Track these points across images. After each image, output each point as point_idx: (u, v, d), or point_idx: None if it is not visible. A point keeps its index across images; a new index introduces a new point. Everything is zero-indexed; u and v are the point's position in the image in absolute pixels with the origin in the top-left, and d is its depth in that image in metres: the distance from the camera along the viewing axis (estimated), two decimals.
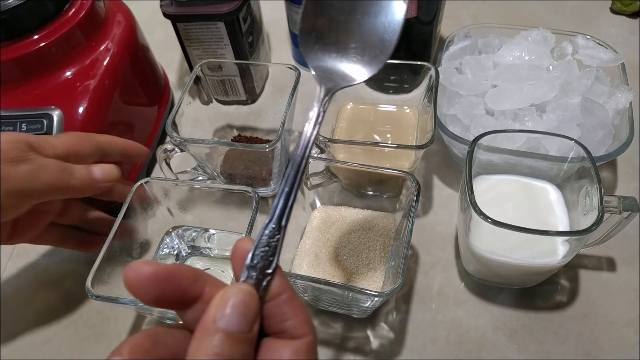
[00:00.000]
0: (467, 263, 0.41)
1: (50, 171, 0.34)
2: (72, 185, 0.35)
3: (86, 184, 0.36)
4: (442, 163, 0.50)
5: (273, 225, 0.25)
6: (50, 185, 0.34)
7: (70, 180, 0.35)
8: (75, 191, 0.35)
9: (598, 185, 0.34)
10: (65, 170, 0.35)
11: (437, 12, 0.49)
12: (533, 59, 0.45)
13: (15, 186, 0.32)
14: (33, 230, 0.38)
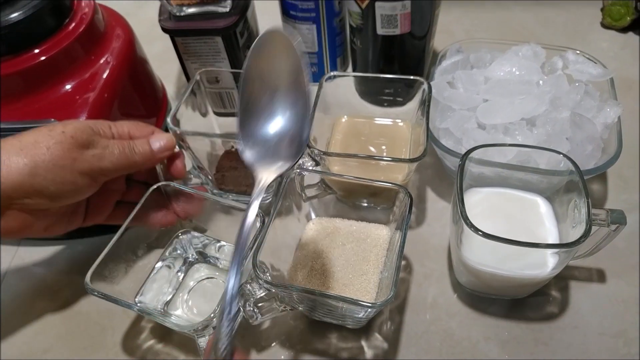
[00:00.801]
0: (460, 274, 0.42)
1: (115, 150, 0.37)
2: (135, 161, 0.39)
3: (147, 157, 0.39)
4: (436, 175, 0.51)
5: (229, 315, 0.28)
6: (117, 163, 0.37)
7: (133, 156, 0.38)
8: (138, 165, 0.39)
9: (586, 198, 0.35)
10: (128, 147, 0.38)
11: (430, 27, 0.50)
12: (523, 74, 0.46)
13: (87, 167, 0.36)
14: (105, 209, 0.42)
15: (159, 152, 0.40)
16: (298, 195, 0.43)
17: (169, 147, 0.41)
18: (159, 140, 0.40)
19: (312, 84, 0.60)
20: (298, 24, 0.54)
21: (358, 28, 0.50)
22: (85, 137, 0.36)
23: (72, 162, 0.35)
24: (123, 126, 0.40)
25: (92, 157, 0.36)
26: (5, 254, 0.49)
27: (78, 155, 0.35)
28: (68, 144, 0.35)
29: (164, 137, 0.40)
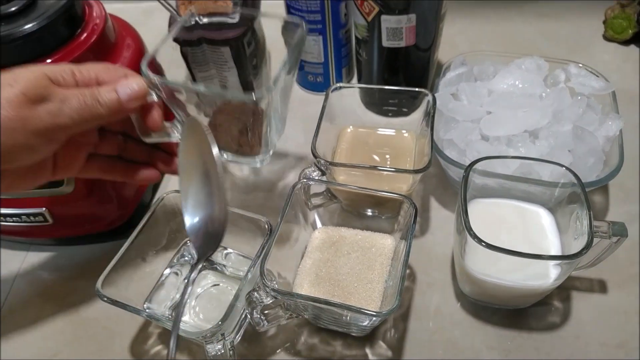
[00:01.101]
0: (463, 284, 0.42)
1: (75, 104, 0.32)
2: (99, 113, 0.33)
3: (114, 108, 0.33)
4: (440, 185, 0.52)
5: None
6: (76, 118, 0.32)
7: (96, 108, 0.33)
8: (104, 118, 0.34)
9: (588, 211, 0.36)
10: (91, 98, 0.33)
11: (434, 40, 0.51)
12: (526, 87, 0.47)
13: (41, 126, 0.31)
14: (75, 163, 0.37)
15: (128, 101, 0.34)
16: (304, 203, 0.44)
17: (139, 96, 0.34)
18: (128, 86, 0.34)
19: (318, 93, 0.61)
20: None
21: (364, 40, 0.51)
22: (38, 91, 0.31)
23: (24, 123, 0.30)
24: (90, 71, 0.34)
25: (46, 114, 0.31)
26: (15, 259, 0.50)
27: (29, 113, 0.30)
28: (18, 101, 0.30)
29: (134, 82, 0.34)
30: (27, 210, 0.46)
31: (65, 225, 0.47)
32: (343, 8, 0.54)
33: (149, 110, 0.36)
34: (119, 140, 0.39)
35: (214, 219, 0.35)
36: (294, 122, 0.59)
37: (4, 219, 0.47)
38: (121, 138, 0.39)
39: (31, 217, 0.46)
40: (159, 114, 0.37)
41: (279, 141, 0.57)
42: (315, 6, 0.52)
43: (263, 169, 0.55)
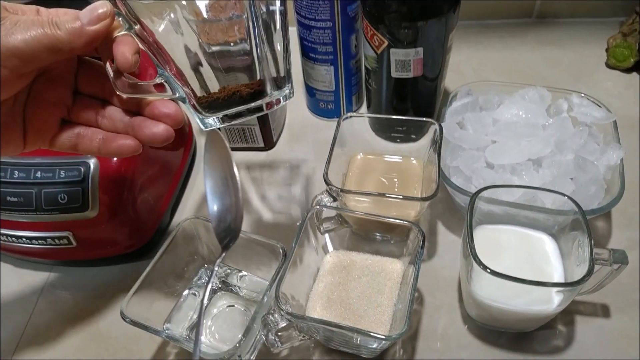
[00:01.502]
0: (470, 307, 0.44)
1: (28, 26, 0.28)
2: (57, 37, 0.29)
3: (75, 32, 0.29)
4: (447, 210, 0.53)
5: None
6: (31, 42, 0.28)
7: (55, 32, 0.29)
8: (64, 44, 0.29)
9: (589, 239, 0.37)
10: (49, 22, 0.29)
11: (441, 70, 0.53)
12: (529, 117, 0.49)
13: None
14: (46, 128, 0.34)
15: (91, 22, 0.30)
16: (316, 228, 0.46)
17: (102, 16, 0.30)
18: (90, 9, 0.30)
19: (329, 119, 0.63)
20: (317, 65, 0.58)
21: (373, 70, 0.54)
22: None
23: None
24: (58, 11, 0.31)
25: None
26: (38, 279, 0.52)
27: None
28: None
29: (97, 5, 0.30)
30: (52, 234, 0.48)
31: (88, 247, 0.49)
32: (354, 40, 0.56)
33: (118, 45, 0.31)
34: (95, 107, 0.35)
35: (236, 217, 0.36)
36: (305, 146, 0.62)
37: (30, 242, 0.49)
38: (99, 105, 0.35)
39: (56, 240, 0.48)
40: (131, 49, 0.31)
41: (292, 166, 0.60)
42: (328, 38, 0.54)
43: (275, 191, 0.57)
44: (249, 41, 0.35)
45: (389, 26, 0.48)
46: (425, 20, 0.47)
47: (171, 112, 0.34)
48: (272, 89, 0.36)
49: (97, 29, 0.30)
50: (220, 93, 0.35)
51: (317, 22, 0.53)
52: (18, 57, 0.29)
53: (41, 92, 0.33)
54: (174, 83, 0.34)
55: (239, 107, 0.35)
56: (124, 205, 0.48)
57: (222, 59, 0.36)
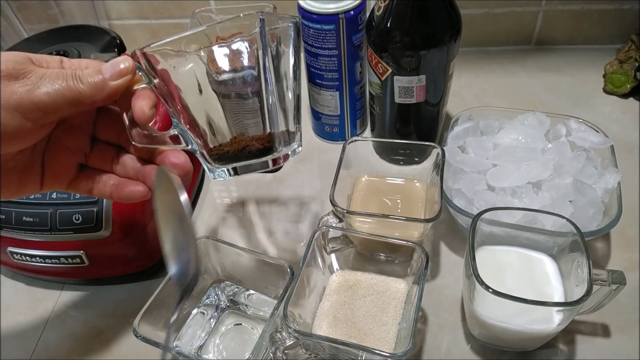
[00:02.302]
0: (472, 327, 0.45)
1: (53, 79, 0.30)
2: (80, 91, 0.30)
3: (97, 87, 0.31)
4: (449, 231, 0.55)
5: None
6: (55, 96, 0.29)
7: (77, 86, 0.30)
8: (86, 98, 0.31)
9: (587, 260, 0.39)
10: (72, 75, 0.30)
11: (443, 96, 0.55)
12: (529, 142, 0.51)
13: (15, 101, 0.29)
14: (64, 171, 0.35)
15: (112, 78, 0.31)
16: (322, 248, 0.47)
17: (124, 72, 0.31)
18: (112, 64, 0.31)
19: (334, 142, 0.65)
20: (323, 91, 0.60)
21: (377, 96, 0.56)
22: (13, 67, 0.29)
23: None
24: (80, 62, 0.32)
25: (20, 88, 0.29)
26: (49, 297, 0.53)
27: (3, 87, 0.28)
28: None
29: (120, 59, 0.32)
30: (65, 253, 0.49)
31: (100, 266, 0.50)
32: (358, 67, 0.58)
33: (137, 99, 0.33)
34: (111, 154, 0.36)
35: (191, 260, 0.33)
36: (311, 168, 0.64)
37: (43, 261, 0.50)
38: (114, 151, 0.36)
39: (69, 259, 0.50)
40: (149, 103, 0.33)
41: (298, 187, 0.61)
42: (333, 66, 0.57)
43: (281, 211, 0.59)
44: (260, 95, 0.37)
45: (393, 55, 0.50)
46: (427, 50, 0.49)
47: (181, 163, 0.35)
48: (281, 144, 0.37)
49: (119, 85, 0.32)
50: (231, 146, 0.36)
51: (324, 50, 0.55)
52: (42, 110, 0.30)
53: (61, 139, 0.34)
54: (187, 135, 0.35)
55: (248, 161, 0.36)
56: (136, 225, 0.49)
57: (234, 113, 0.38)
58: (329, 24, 0.53)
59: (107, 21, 0.80)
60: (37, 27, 0.71)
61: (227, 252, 0.47)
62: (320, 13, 0.53)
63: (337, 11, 0.52)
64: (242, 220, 0.58)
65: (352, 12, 0.53)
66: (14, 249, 0.50)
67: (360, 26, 0.55)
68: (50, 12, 0.71)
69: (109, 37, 0.52)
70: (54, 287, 0.54)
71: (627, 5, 0.72)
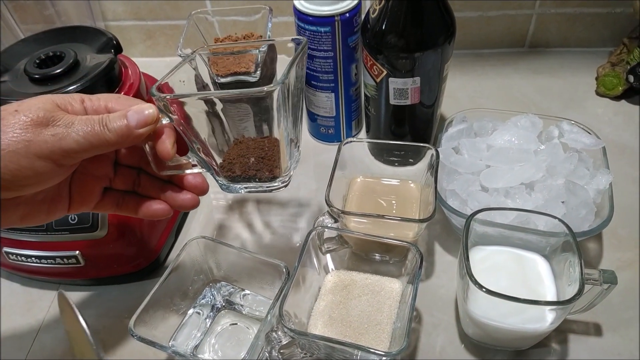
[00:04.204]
0: (466, 326, 0.45)
1: (81, 128, 0.31)
2: (107, 139, 0.32)
3: (123, 134, 0.32)
4: (443, 231, 0.55)
5: None
6: (83, 143, 0.31)
7: (104, 134, 0.32)
8: (113, 144, 0.33)
9: (579, 259, 0.39)
10: (99, 123, 0.32)
11: (437, 97, 0.56)
12: (522, 143, 0.51)
13: (46, 149, 0.30)
14: (91, 197, 0.37)
15: (138, 126, 0.33)
16: (318, 248, 0.47)
17: (149, 121, 0.33)
18: (137, 112, 0.33)
19: (330, 144, 0.65)
20: (318, 92, 0.60)
21: (372, 97, 0.56)
22: (43, 114, 0.31)
23: (27, 146, 0.30)
24: (100, 99, 0.34)
25: (51, 137, 0.30)
26: (45, 298, 0.53)
27: (33, 136, 0.30)
28: (21, 124, 0.30)
29: (144, 107, 0.33)
30: (61, 253, 0.49)
31: (96, 267, 0.51)
32: (354, 69, 0.59)
33: (160, 138, 0.35)
34: (133, 176, 0.39)
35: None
36: (306, 169, 0.64)
37: (39, 261, 0.50)
38: (135, 173, 0.39)
39: (65, 259, 0.50)
40: (171, 142, 0.35)
41: (294, 188, 0.62)
42: (329, 67, 0.57)
43: (277, 212, 0.59)
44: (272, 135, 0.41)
45: (388, 57, 0.50)
46: (422, 52, 0.49)
47: (199, 184, 0.39)
48: (289, 168, 0.42)
49: (143, 132, 0.33)
50: (241, 171, 0.41)
51: (319, 52, 0.56)
52: (71, 156, 0.32)
53: (87, 168, 0.36)
54: (203, 162, 0.39)
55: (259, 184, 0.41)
56: (131, 225, 0.49)
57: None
58: (325, 26, 0.54)
59: (103, 22, 0.80)
60: (33, 28, 0.71)
61: (223, 252, 0.47)
62: (316, 15, 0.53)
63: (332, 13, 0.53)
64: (237, 221, 0.59)
65: (348, 14, 0.53)
66: (9, 250, 0.50)
67: (355, 28, 0.55)
68: (47, 13, 0.71)
69: (105, 38, 0.52)
70: (50, 287, 0.54)
71: (620, 9, 0.73)
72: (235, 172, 0.41)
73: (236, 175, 0.41)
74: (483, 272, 0.41)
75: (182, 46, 0.53)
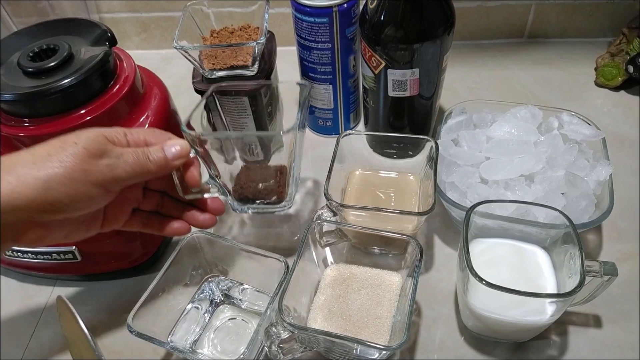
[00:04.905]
0: (466, 319, 0.45)
1: (129, 159, 0.37)
2: (149, 169, 0.38)
3: (161, 165, 0.39)
4: (443, 224, 0.55)
5: None
6: (130, 172, 0.37)
7: (147, 165, 0.38)
8: (153, 173, 0.38)
9: (580, 251, 0.39)
10: (142, 155, 0.38)
11: (436, 89, 0.55)
12: (521, 135, 0.51)
13: (101, 178, 0.35)
14: (121, 216, 0.41)
15: (173, 159, 0.39)
16: (317, 242, 0.47)
17: (183, 154, 0.40)
18: (173, 146, 0.39)
19: (328, 136, 0.65)
20: (316, 84, 0.60)
21: (371, 89, 0.56)
22: (98, 147, 0.35)
23: (85, 174, 0.35)
24: (139, 133, 0.40)
25: (105, 167, 0.35)
26: (42, 293, 0.53)
27: (91, 166, 0.35)
28: (81, 155, 0.34)
29: (178, 143, 0.40)
30: (57, 249, 0.49)
31: (93, 262, 0.50)
32: (352, 60, 0.58)
33: (189, 169, 0.42)
34: (158, 198, 0.44)
35: None
36: (305, 162, 0.63)
37: (35, 257, 0.50)
38: (160, 196, 0.44)
39: (61, 255, 0.49)
40: (198, 171, 0.42)
41: None
42: (327, 59, 0.56)
43: None
44: None
45: (386, 48, 0.50)
46: (421, 43, 0.49)
47: (217, 207, 0.45)
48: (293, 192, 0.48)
49: (177, 164, 0.40)
50: (252, 193, 0.48)
51: (317, 44, 0.55)
52: (119, 184, 0.37)
53: (123, 192, 0.40)
54: (221, 187, 0.45)
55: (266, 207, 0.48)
56: None
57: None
58: (322, 17, 0.53)
59: (98, 14, 0.79)
60: (26, 21, 0.70)
61: (221, 246, 0.47)
62: (313, 6, 0.53)
63: (330, 4, 0.52)
64: (235, 215, 0.58)
65: (346, 5, 0.53)
66: None
67: (353, 19, 0.55)
68: (40, 6, 0.70)
69: (100, 30, 0.51)
70: (47, 283, 0.54)
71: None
72: (247, 195, 0.48)
73: (247, 198, 0.48)
74: (483, 265, 0.40)
75: (178, 38, 0.52)
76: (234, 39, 0.57)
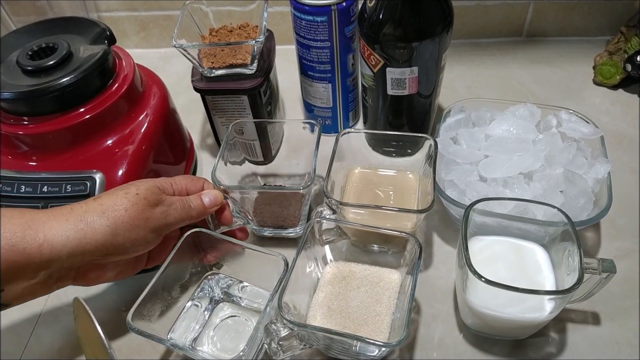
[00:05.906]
0: (465, 316, 0.45)
1: (177, 207, 0.43)
2: (191, 215, 0.44)
3: (201, 211, 0.45)
4: (442, 222, 0.55)
5: None
6: (178, 218, 0.43)
7: (190, 211, 0.44)
8: (194, 219, 0.45)
9: (578, 249, 0.39)
10: (186, 204, 0.44)
11: (435, 88, 0.55)
12: (520, 133, 0.51)
13: (157, 224, 0.41)
14: (164, 253, 0.45)
15: (210, 206, 0.46)
16: (317, 240, 0.47)
17: (218, 202, 0.47)
18: (208, 195, 0.46)
19: (327, 135, 0.65)
20: (315, 83, 0.60)
21: (370, 88, 0.56)
22: (154, 197, 0.41)
23: (146, 221, 0.40)
24: (181, 182, 0.46)
25: (160, 214, 0.41)
26: None
27: (150, 214, 0.40)
28: (142, 204, 0.40)
29: (213, 193, 0.47)
30: None
31: None
32: (350, 59, 0.58)
33: (222, 211, 0.49)
34: None
35: None
36: (303, 160, 0.63)
37: None
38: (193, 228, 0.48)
39: None
40: (230, 212, 0.49)
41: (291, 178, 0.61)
42: (326, 57, 0.57)
43: None
44: None
45: (385, 46, 0.50)
46: (419, 41, 0.49)
47: (244, 235, 0.52)
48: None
49: (213, 210, 0.47)
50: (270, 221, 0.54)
51: (316, 42, 0.55)
52: (168, 229, 0.43)
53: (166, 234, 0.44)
54: (245, 219, 0.52)
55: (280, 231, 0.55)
56: None
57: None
58: (321, 15, 0.53)
59: (97, 13, 0.79)
60: (25, 20, 0.70)
61: (221, 244, 0.47)
62: (312, 4, 0.53)
63: (329, 2, 0.52)
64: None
65: (345, 3, 0.53)
66: None
67: (352, 18, 0.55)
68: (39, 4, 0.70)
69: (99, 29, 0.51)
70: None
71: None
72: (267, 222, 0.54)
73: (267, 225, 0.54)
74: (482, 262, 0.41)
75: (177, 37, 0.52)
76: (233, 37, 0.57)
